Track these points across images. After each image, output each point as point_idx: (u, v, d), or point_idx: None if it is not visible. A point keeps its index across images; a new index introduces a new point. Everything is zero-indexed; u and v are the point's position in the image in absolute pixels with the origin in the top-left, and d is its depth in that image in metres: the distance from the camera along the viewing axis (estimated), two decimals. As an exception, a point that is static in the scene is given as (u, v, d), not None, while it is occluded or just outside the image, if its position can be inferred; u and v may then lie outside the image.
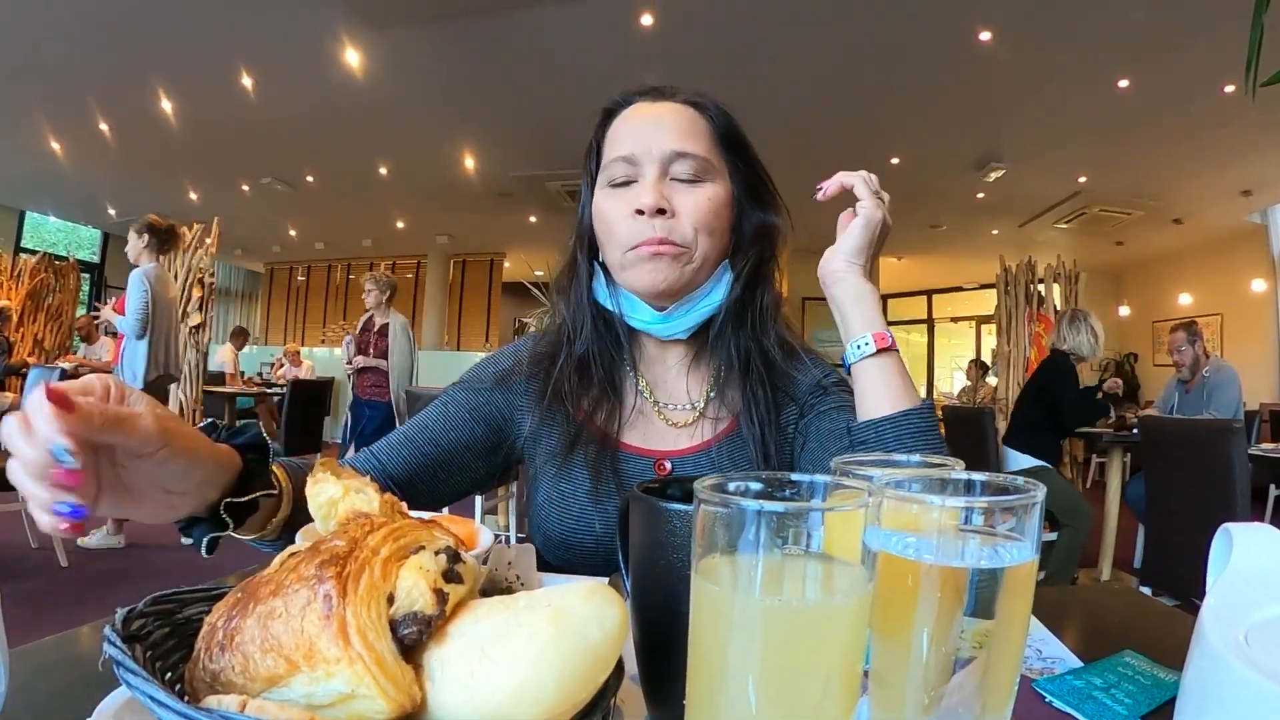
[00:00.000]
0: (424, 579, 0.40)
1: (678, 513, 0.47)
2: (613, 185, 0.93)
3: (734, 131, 0.97)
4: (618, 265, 0.93)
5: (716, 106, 0.97)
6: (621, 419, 0.98)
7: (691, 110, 0.95)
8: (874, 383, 0.83)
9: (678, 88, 0.98)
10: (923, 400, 0.83)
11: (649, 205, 0.88)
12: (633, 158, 0.91)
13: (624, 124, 0.95)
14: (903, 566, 0.40)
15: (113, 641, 0.38)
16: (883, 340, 0.83)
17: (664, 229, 0.89)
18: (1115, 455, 4.13)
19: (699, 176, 0.91)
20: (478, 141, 7.50)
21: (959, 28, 4.99)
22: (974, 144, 6.99)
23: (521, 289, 5.86)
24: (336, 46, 5.50)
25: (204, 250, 5.25)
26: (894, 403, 0.82)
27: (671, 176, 0.91)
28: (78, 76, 6.02)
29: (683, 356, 1.00)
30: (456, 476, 0.99)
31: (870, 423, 0.82)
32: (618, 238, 0.91)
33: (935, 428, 0.82)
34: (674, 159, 0.90)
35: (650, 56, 5.43)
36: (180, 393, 5.15)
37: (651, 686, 0.52)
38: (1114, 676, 0.60)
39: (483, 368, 1.04)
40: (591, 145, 0.99)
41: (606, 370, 0.98)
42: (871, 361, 0.83)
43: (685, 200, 0.90)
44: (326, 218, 10.62)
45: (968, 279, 12.29)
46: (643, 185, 0.90)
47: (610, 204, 0.92)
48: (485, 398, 1.00)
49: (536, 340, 1.05)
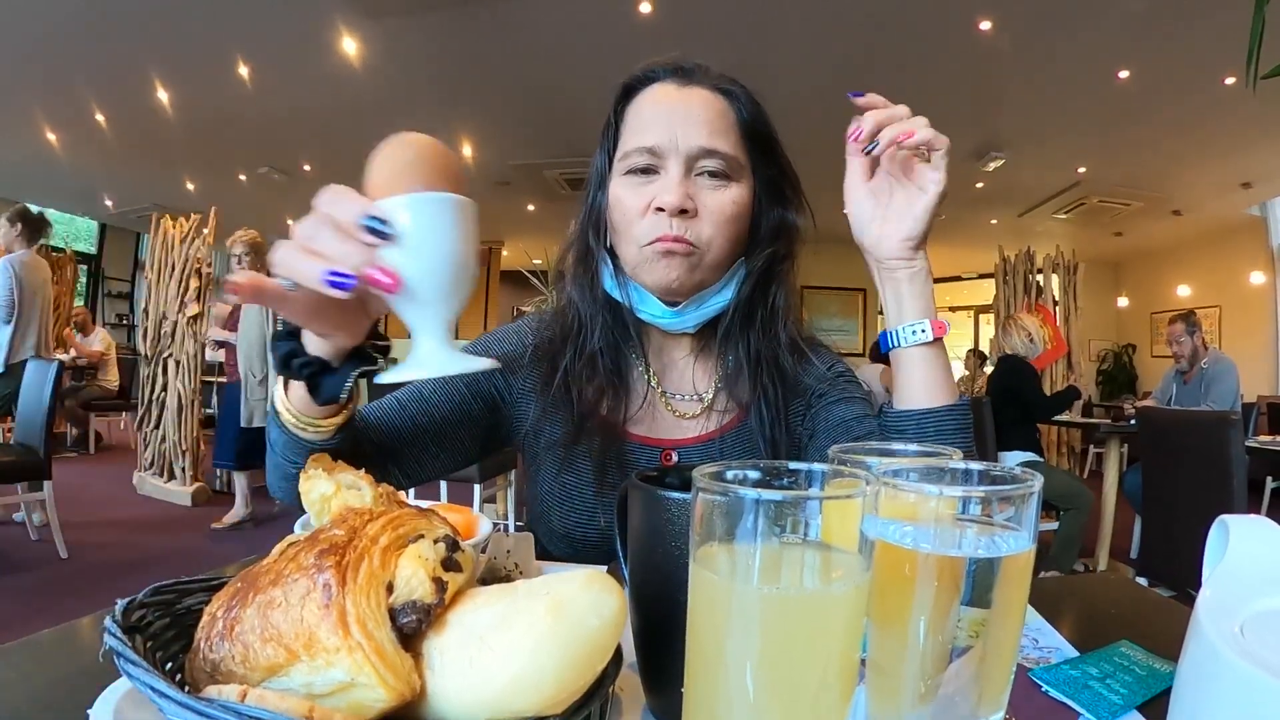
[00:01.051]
0: (423, 568, 0.40)
1: (676, 501, 0.47)
2: (632, 173, 0.88)
3: (763, 123, 0.92)
4: (631, 259, 0.89)
5: (747, 95, 0.92)
6: (628, 409, 0.95)
7: (722, 100, 0.90)
8: (923, 371, 0.78)
9: (707, 68, 0.92)
10: (961, 396, 0.80)
11: (672, 205, 0.84)
12: (657, 150, 0.86)
13: (648, 106, 0.90)
14: (900, 555, 0.40)
15: (113, 632, 0.39)
16: (940, 329, 0.78)
17: (682, 228, 0.85)
18: (1112, 446, 4.14)
19: (725, 175, 0.87)
20: (476, 130, 7.47)
21: (959, 17, 4.96)
22: (973, 133, 6.96)
23: (520, 277, 5.84)
24: (333, 35, 5.47)
25: (201, 240, 5.22)
26: (940, 395, 0.79)
27: (696, 173, 0.87)
28: (73, 67, 5.98)
29: (691, 348, 0.98)
30: (445, 448, 0.94)
31: (912, 412, 0.79)
32: (635, 232, 0.87)
33: (971, 426, 0.80)
34: (702, 155, 0.86)
35: (649, 45, 5.36)
36: (178, 382, 5.13)
37: (650, 674, 0.52)
38: (1110, 666, 0.61)
39: (484, 345, 1.00)
40: (609, 122, 0.93)
41: (614, 359, 0.95)
42: (926, 350, 0.78)
43: (709, 201, 0.86)
44: (324, 208, 10.58)
45: (966, 269, 12.27)
46: (666, 181, 0.86)
47: (630, 195, 0.88)
48: (485, 375, 0.96)
49: (541, 323, 1.01)
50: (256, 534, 4.34)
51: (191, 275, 5.14)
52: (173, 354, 5.18)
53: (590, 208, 0.95)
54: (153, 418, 5.30)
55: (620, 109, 0.93)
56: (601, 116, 0.95)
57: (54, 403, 3.61)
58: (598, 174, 0.94)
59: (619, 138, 0.91)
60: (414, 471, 0.92)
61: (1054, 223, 9.45)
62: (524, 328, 1.02)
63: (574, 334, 0.95)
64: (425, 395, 0.94)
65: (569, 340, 0.95)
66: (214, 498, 5.30)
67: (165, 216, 5.40)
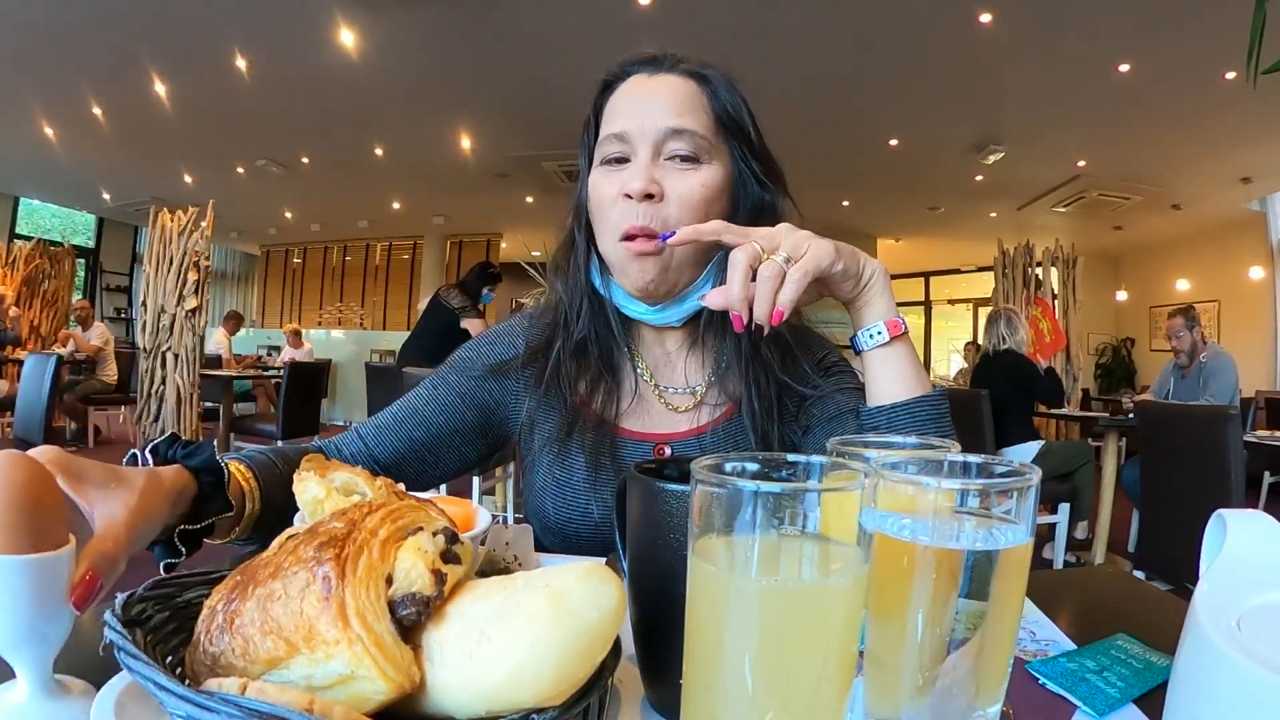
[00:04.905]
0: (422, 560, 0.40)
1: (675, 493, 0.47)
2: (606, 163, 0.89)
3: (736, 105, 0.91)
4: (609, 255, 0.90)
5: (721, 76, 0.91)
6: (620, 403, 0.95)
7: (692, 83, 0.90)
8: (886, 370, 0.81)
9: (680, 56, 0.92)
10: (935, 387, 0.82)
11: (637, 190, 0.84)
12: (625, 135, 0.87)
13: (621, 97, 0.91)
14: (898, 548, 0.40)
15: (113, 626, 0.39)
16: (895, 328, 0.80)
17: (648, 215, 0.85)
18: (1111, 440, 4.14)
19: (695, 156, 0.87)
20: (474, 122, 7.45)
21: (959, 10, 4.95)
22: (973, 127, 6.95)
23: (519, 270, 5.82)
24: (331, 27, 5.45)
25: (199, 233, 5.22)
26: (906, 389, 0.80)
27: (665, 156, 0.87)
28: (70, 60, 5.95)
29: (681, 342, 0.98)
30: (445, 460, 0.97)
31: (881, 408, 0.81)
32: (609, 221, 0.88)
33: (947, 415, 0.81)
34: (669, 136, 0.86)
35: (647, 36, 5.36)
36: (177, 376, 5.14)
37: (649, 666, 0.52)
38: (1107, 659, 0.61)
39: (476, 350, 1.01)
40: (589, 118, 0.95)
41: (604, 354, 0.96)
42: (886, 349, 0.81)
43: (677, 184, 0.86)
44: (322, 200, 10.56)
45: (965, 262, 12.28)
46: (634, 167, 0.86)
47: (604, 183, 0.89)
48: (478, 384, 0.98)
49: (532, 320, 1.02)
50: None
51: (190, 268, 5.14)
52: (171, 347, 5.19)
53: (576, 203, 0.97)
54: (152, 411, 5.30)
55: (599, 104, 0.94)
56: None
57: (53, 397, 3.61)
58: (582, 170, 0.96)
59: (598, 132, 0.92)
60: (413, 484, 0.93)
61: (1053, 216, 9.45)
62: (514, 327, 1.03)
63: (564, 326, 0.96)
64: (420, 409, 0.97)
65: (559, 331, 0.96)
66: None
67: (163, 210, 5.40)
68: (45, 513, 0.46)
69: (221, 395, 5.65)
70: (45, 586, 0.44)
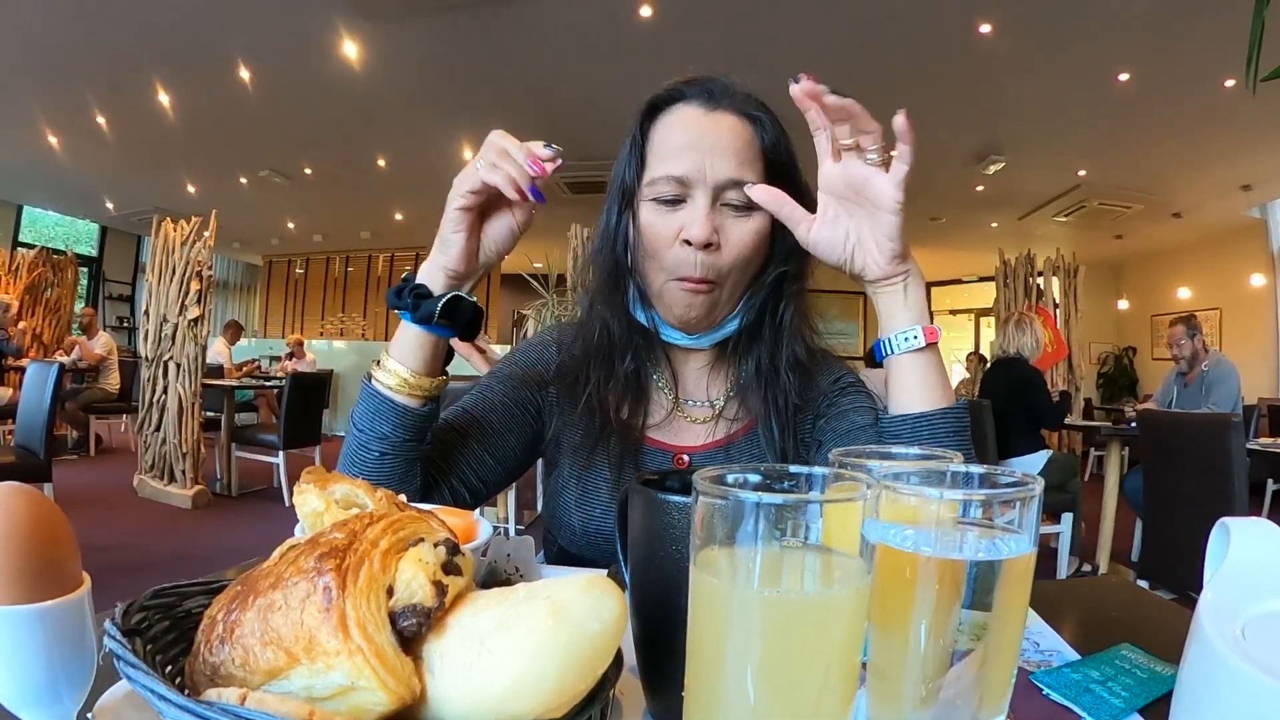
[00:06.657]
0: (423, 571, 0.40)
1: (676, 505, 0.47)
2: (660, 201, 0.88)
3: (785, 149, 0.92)
4: (656, 286, 0.92)
5: (772, 119, 0.91)
6: (646, 416, 0.98)
7: (749, 127, 0.89)
8: (917, 377, 0.80)
9: (731, 87, 0.91)
10: (959, 399, 0.82)
11: (699, 239, 0.85)
12: (686, 180, 0.86)
13: (675, 130, 0.89)
14: (901, 559, 0.40)
15: (113, 635, 0.38)
16: (932, 335, 0.79)
17: (706, 265, 0.86)
18: (1113, 448, 4.13)
19: (749, 206, 0.86)
20: (476, 133, 7.41)
21: (959, 20, 4.97)
22: (973, 136, 6.97)
23: (520, 281, 5.83)
24: (334, 38, 5.48)
25: (202, 243, 5.22)
26: (935, 399, 0.80)
27: (722, 203, 0.87)
28: (75, 70, 5.99)
29: (707, 360, 1.01)
30: (497, 461, 0.97)
31: (906, 417, 0.80)
32: (662, 262, 0.89)
33: (967, 429, 0.81)
34: (729, 186, 0.86)
35: (650, 48, 5.40)
36: (179, 385, 5.13)
37: (650, 678, 0.52)
38: (1111, 669, 0.60)
39: (516, 364, 1.03)
40: (635, 140, 0.92)
41: (635, 370, 0.98)
42: (919, 356, 0.80)
43: (733, 232, 0.87)
44: (325, 210, 10.59)
45: (966, 272, 12.28)
46: (693, 211, 0.86)
47: (659, 222, 0.88)
48: (522, 391, 1.00)
49: (563, 335, 1.04)
50: (255, 534, 4.34)
51: (192, 278, 5.14)
52: (173, 357, 5.18)
53: (617, 226, 0.93)
54: (153, 420, 5.30)
55: (645, 127, 0.92)
56: (602, 119, 0.97)
57: (54, 405, 3.61)
58: (621, 190, 0.92)
59: (645, 157, 0.91)
60: (471, 482, 0.95)
61: (1054, 225, 9.46)
62: (547, 339, 1.05)
63: (603, 354, 0.97)
64: (488, 398, 0.98)
65: (595, 356, 0.97)
66: (214, 500, 5.30)
67: (166, 219, 5.40)
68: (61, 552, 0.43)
69: (223, 405, 5.65)
70: (64, 634, 0.41)
